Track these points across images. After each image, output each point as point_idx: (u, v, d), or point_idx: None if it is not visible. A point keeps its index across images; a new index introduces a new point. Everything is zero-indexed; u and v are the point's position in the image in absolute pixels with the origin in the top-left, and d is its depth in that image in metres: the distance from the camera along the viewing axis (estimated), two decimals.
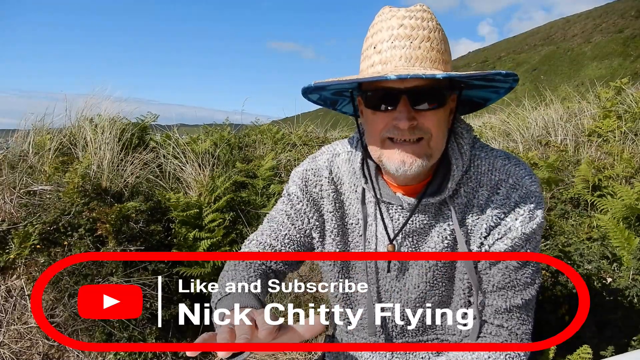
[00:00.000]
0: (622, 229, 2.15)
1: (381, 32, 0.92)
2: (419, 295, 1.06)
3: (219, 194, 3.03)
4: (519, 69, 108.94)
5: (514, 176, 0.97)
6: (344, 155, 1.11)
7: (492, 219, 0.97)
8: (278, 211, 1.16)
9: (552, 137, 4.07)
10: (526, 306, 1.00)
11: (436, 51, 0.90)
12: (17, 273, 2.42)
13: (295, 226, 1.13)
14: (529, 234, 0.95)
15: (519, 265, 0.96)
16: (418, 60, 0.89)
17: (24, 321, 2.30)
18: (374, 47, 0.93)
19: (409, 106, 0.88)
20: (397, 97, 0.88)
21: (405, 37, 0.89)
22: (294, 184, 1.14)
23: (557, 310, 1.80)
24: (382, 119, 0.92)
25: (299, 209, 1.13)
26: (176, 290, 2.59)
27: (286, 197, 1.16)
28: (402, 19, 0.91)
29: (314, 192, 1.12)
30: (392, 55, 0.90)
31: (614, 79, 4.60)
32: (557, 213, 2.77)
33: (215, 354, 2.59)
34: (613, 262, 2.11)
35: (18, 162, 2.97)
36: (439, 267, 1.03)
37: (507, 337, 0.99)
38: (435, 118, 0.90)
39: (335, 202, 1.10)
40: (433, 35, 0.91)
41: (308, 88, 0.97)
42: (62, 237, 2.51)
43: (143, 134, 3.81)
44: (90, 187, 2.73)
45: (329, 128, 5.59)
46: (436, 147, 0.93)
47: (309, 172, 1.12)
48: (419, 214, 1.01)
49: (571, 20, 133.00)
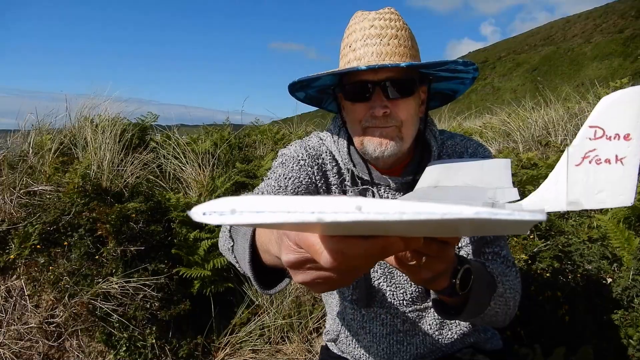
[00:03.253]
0: (622, 229, 2.15)
1: (355, 33, 1.05)
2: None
3: (219, 194, 3.03)
4: (519, 69, 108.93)
5: (471, 147, 1.17)
6: (329, 140, 1.20)
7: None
8: (274, 179, 1.13)
9: (552, 137, 4.07)
10: (504, 239, 1.16)
11: (404, 47, 1.03)
12: (17, 273, 2.42)
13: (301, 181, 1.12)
14: None
15: None
16: (388, 55, 1.02)
17: (24, 321, 2.30)
18: (349, 46, 1.06)
19: (382, 96, 1.02)
20: (372, 88, 1.02)
21: (376, 36, 1.03)
22: (295, 153, 1.15)
23: (557, 310, 1.80)
24: (360, 109, 1.05)
25: (302, 166, 1.13)
26: (176, 291, 2.59)
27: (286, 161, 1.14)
28: (372, 21, 1.04)
29: (318, 162, 1.15)
30: (365, 52, 1.03)
31: (614, 79, 4.60)
32: (557, 213, 2.76)
33: (215, 354, 2.59)
34: (613, 262, 2.11)
35: (18, 163, 2.97)
36: None
37: (502, 260, 1.12)
38: (406, 107, 1.04)
39: (337, 176, 1.17)
40: (400, 33, 1.04)
41: (294, 85, 1.09)
42: (62, 237, 2.51)
43: (143, 134, 3.81)
44: (90, 187, 2.73)
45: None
46: (407, 134, 1.06)
47: (308, 147, 1.16)
48: (405, 192, 1.12)
49: (571, 20, 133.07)
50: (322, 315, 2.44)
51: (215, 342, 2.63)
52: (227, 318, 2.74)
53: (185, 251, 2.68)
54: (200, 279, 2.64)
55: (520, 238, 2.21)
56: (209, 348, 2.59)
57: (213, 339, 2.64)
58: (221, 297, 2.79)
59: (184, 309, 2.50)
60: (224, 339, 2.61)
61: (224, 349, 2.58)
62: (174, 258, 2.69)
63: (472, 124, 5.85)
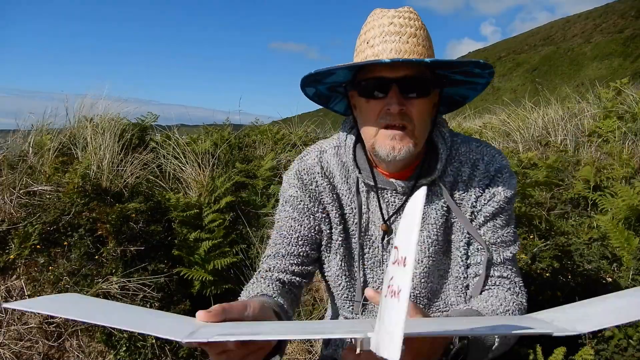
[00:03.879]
0: (622, 229, 2.15)
1: (373, 30, 1.04)
2: (423, 270, 1.13)
3: (219, 194, 3.03)
4: (519, 69, 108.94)
5: (488, 154, 1.13)
6: (331, 150, 1.20)
7: (477, 190, 1.11)
8: (282, 219, 1.20)
9: (552, 137, 4.08)
10: (514, 260, 1.14)
11: (422, 46, 1.02)
12: (17, 273, 2.42)
13: (303, 226, 1.17)
14: (510, 197, 1.11)
15: (504, 224, 1.11)
16: (407, 53, 1.01)
17: (24, 321, 2.30)
18: (367, 42, 1.04)
19: (399, 93, 1.00)
20: (389, 85, 1.00)
21: (395, 33, 1.02)
22: (290, 187, 1.19)
23: None
24: (375, 106, 1.03)
25: (302, 208, 1.17)
26: (176, 291, 2.59)
27: (286, 202, 1.20)
28: (391, 18, 1.03)
29: (311, 188, 1.18)
30: (383, 48, 1.02)
31: (614, 79, 4.60)
32: (557, 213, 2.76)
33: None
34: (613, 262, 2.11)
35: (18, 162, 2.97)
36: (440, 241, 1.13)
37: (509, 284, 1.10)
38: (421, 107, 1.02)
39: (332, 194, 1.18)
40: (419, 32, 1.03)
41: (307, 78, 1.08)
42: (62, 237, 2.51)
43: (143, 134, 3.81)
44: (90, 188, 2.73)
45: (329, 128, 5.59)
46: (419, 136, 1.05)
47: (302, 171, 1.19)
48: (409, 195, 1.10)
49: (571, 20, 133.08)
50: (322, 316, 2.44)
51: None
52: None
53: (185, 251, 2.68)
54: (200, 279, 2.64)
55: (520, 238, 2.21)
56: None
57: None
58: (221, 297, 2.79)
59: (184, 309, 2.50)
60: None
61: None
62: (174, 258, 2.69)
63: (472, 124, 5.85)
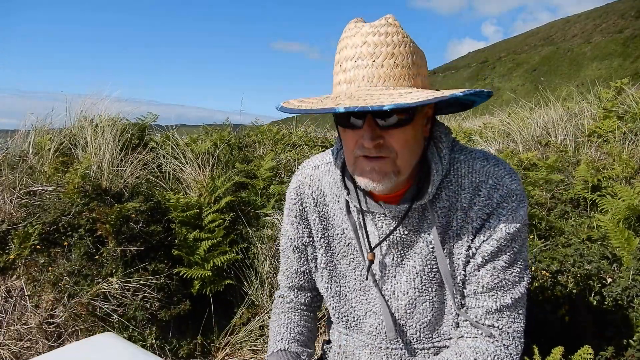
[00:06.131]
0: (622, 229, 2.15)
1: (346, 50, 0.91)
2: (408, 302, 1.06)
3: (219, 194, 3.03)
4: (519, 69, 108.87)
5: (494, 176, 0.96)
6: (323, 167, 1.14)
7: (476, 221, 0.97)
8: (286, 239, 1.22)
9: (552, 137, 4.07)
10: (516, 304, 0.99)
11: (401, 67, 0.89)
12: (17, 273, 2.42)
13: (301, 258, 1.20)
14: (514, 233, 0.95)
15: (507, 265, 0.97)
16: (381, 79, 0.88)
17: (24, 321, 2.30)
18: (340, 65, 0.92)
19: (374, 125, 0.88)
20: (363, 115, 0.88)
21: (368, 56, 0.88)
22: (286, 205, 1.21)
23: (557, 310, 1.80)
24: (351, 136, 0.92)
25: (296, 238, 1.19)
26: (176, 291, 2.59)
27: (286, 224, 1.22)
28: (365, 36, 0.89)
29: (300, 209, 1.17)
30: (355, 75, 0.89)
31: (614, 80, 4.60)
32: (557, 213, 2.76)
33: (215, 354, 2.59)
34: (613, 262, 2.10)
35: (18, 163, 2.97)
36: (427, 272, 1.03)
37: (499, 336, 0.98)
38: (402, 135, 0.90)
39: (319, 215, 1.14)
40: (397, 50, 0.89)
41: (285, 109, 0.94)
42: (62, 238, 2.51)
43: (143, 134, 3.81)
44: (90, 188, 2.73)
45: (329, 129, 5.60)
46: (404, 164, 0.92)
47: (292, 192, 1.18)
48: (401, 220, 1.00)
49: (571, 20, 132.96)
50: (321, 316, 2.44)
51: (215, 342, 2.63)
52: (227, 318, 2.74)
53: (185, 251, 2.68)
54: (200, 279, 2.64)
55: None
56: (208, 348, 2.59)
57: (213, 339, 2.64)
58: (221, 297, 2.79)
59: (183, 309, 2.50)
60: (224, 339, 2.61)
61: (223, 349, 2.58)
62: (174, 258, 2.69)
63: (472, 124, 5.85)
